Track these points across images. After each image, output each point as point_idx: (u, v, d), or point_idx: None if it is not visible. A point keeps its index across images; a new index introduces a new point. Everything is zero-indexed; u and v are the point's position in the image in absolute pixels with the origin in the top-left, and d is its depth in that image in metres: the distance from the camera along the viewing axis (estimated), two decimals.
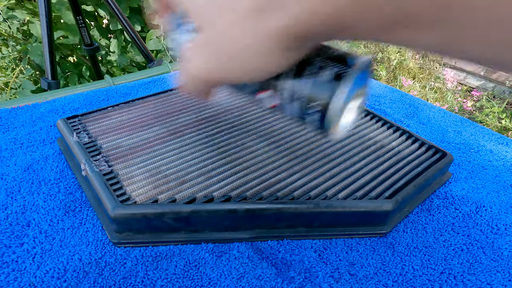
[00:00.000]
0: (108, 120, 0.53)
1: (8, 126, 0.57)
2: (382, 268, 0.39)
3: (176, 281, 0.36)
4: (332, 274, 0.37)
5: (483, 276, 0.38)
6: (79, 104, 0.65)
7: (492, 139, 0.62)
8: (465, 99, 2.23)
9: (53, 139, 0.55)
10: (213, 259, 0.38)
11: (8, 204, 0.43)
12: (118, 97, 0.68)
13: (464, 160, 0.57)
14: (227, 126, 0.53)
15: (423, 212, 0.46)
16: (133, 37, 1.01)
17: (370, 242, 0.42)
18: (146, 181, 0.41)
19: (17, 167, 0.49)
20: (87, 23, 1.07)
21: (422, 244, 0.42)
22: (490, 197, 0.49)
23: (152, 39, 1.33)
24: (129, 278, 0.36)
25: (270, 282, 0.36)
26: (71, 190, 0.46)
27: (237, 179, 0.43)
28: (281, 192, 0.42)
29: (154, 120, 0.54)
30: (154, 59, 1.05)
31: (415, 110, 0.70)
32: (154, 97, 0.60)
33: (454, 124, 0.66)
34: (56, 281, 0.35)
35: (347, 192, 0.43)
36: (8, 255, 0.37)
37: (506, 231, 0.44)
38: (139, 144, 0.48)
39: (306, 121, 0.30)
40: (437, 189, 0.50)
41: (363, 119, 0.58)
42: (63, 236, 0.39)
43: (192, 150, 0.47)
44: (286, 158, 0.47)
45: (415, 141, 0.53)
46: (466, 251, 0.41)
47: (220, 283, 0.36)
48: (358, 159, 0.49)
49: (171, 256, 0.38)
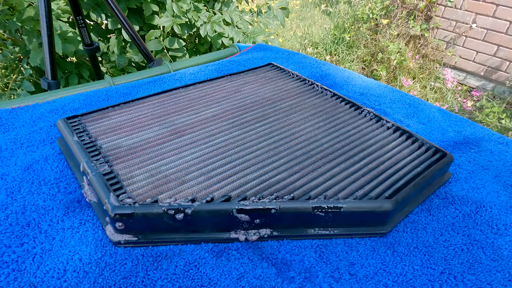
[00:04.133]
0: (108, 120, 0.53)
1: (8, 126, 0.57)
2: (382, 268, 0.38)
3: (176, 281, 0.36)
4: (332, 274, 0.37)
5: (483, 276, 0.38)
6: (79, 104, 0.65)
7: (492, 139, 0.62)
8: (465, 99, 2.23)
9: (53, 139, 0.55)
10: (213, 259, 0.38)
11: (8, 204, 0.43)
12: (118, 97, 0.68)
13: (464, 160, 0.57)
14: (227, 126, 0.53)
15: (423, 212, 0.46)
16: (133, 37, 1.01)
17: (370, 242, 0.42)
18: (146, 181, 0.41)
19: (17, 167, 0.49)
20: (87, 23, 1.07)
21: (422, 244, 0.42)
22: (490, 197, 0.49)
23: (152, 40, 1.33)
24: (129, 278, 0.36)
25: (270, 282, 0.36)
26: (71, 190, 0.46)
27: (237, 179, 0.43)
28: (281, 192, 0.42)
29: (154, 120, 0.54)
30: (154, 59, 1.05)
31: (415, 110, 0.70)
32: (154, 97, 0.60)
33: (454, 124, 0.66)
34: (56, 281, 0.35)
35: (347, 192, 0.43)
36: (8, 255, 0.37)
37: (506, 231, 0.44)
38: (139, 144, 0.48)
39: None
40: (437, 189, 0.50)
41: (363, 119, 0.58)
42: (63, 236, 0.39)
43: (192, 150, 0.47)
44: (286, 158, 0.47)
45: (415, 141, 0.53)
46: (466, 251, 0.41)
47: (220, 283, 0.36)
48: (358, 159, 0.48)
49: (171, 256, 0.38)
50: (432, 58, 2.48)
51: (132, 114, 0.54)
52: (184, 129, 0.52)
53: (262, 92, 0.64)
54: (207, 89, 0.64)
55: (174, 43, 1.39)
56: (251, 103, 0.60)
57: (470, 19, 2.24)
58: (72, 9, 1.00)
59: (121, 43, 1.38)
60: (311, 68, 0.85)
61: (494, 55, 2.21)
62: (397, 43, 2.39)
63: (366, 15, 2.51)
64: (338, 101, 0.63)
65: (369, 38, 2.57)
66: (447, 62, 2.47)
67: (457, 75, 2.46)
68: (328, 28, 2.93)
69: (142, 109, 0.56)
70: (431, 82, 2.39)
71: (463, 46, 2.34)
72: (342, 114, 0.59)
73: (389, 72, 2.44)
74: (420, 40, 2.48)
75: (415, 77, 2.43)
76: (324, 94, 0.65)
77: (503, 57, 2.17)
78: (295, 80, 0.70)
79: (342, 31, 2.72)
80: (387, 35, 2.49)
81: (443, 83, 2.39)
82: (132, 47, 1.43)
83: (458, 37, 2.34)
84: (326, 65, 0.87)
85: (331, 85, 0.77)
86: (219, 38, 1.40)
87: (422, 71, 2.45)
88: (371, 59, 2.53)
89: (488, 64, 2.26)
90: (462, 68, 2.41)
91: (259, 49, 0.95)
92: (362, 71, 2.54)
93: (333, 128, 0.55)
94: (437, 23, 2.39)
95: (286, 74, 0.72)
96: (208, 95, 0.62)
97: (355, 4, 2.89)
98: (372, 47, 2.54)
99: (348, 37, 2.62)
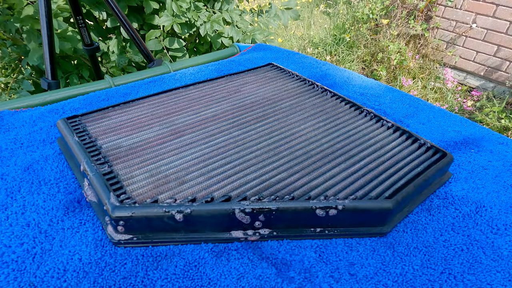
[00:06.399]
0: (108, 120, 0.53)
1: (8, 126, 0.57)
2: (382, 268, 0.38)
3: (176, 281, 0.36)
4: (332, 274, 0.37)
5: (483, 276, 0.38)
6: (79, 104, 0.65)
7: (492, 139, 0.62)
8: (465, 99, 2.23)
9: (53, 139, 0.55)
10: (213, 259, 0.38)
11: (8, 204, 0.43)
12: (118, 97, 0.68)
13: (464, 160, 0.57)
14: (227, 126, 0.53)
15: (423, 212, 0.46)
16: (133, 36, 1.01)
17: (370, 242, 0.42)
18: (146, 181, 0.41)
19: (17, 167, 0.49)
20: (87, 23, 1.07)
21: (422, 244, 0.42)
22: (490, 197, 0.49)
23: (152, 39, 1.33)
24: (129, 278, 0.36)
25: (270, 282, 0.36)
26: (71, 190, 0.46)
27: (237, 179, 0.43)
28: (281, 192, 0.42)
29: (154, 120, 0.54)
30: (154, 59, 1.05)
31: (415, 110, 0.70)
32: (154, 97, 0.60)
33: (454, 124, 0.66)
34: (56, 281, 0.35)
35: (347, 192, 0.43)
36: (8, 255, 0.37)
37: (506, 231, 0.44)
38: (139, 144, 0.48)
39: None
40: (437, 189, 0.50)
41: (363, 119, 0.58)
42: (63, 236, 0.39)
43: (192, 150, 0.47)
44: (286, 158, 0.47)
45: (415, 141, 0.53)
46: (466, 251, 0.41)
47: (220, 283, 0.36)
48: (358, 159, 0.48)
49: (171, 256, 0.38)
50: (432, 58, 2.48)
51: (132, 114, 0.54)
52: (184, 129, 0.52)
53: (262, 92, 0.64)
54: (207, 89, 0.64)
55: (174, 43, 1.39)
56: (251, 103, 0.60)
57: (470, 19, 2.24)
58: (72, 9, 1.00)
59: (121, 43, 1.38)
60: (311, 68, 0.85)
61: (494, 55, 2.21)
62: (397, 43, 2.39)
63: (366, 16, 2.51)
64: (338, 101, 0.63)
65: (369, 38, 2.56)
66: (447, 62, 2.47)
67: (457, 75, 2.46)
68: (328, 28, 2.93)
69: (142, 109, 0.56)
70: (431, 82, 2.39)
71: (463, 46, 2.34)
72: (342, 114, 0.59)
73: (389, 72, 2.44)
74: (420, 40, 2.48)
75: (415, 77, 2.43)
76: (324, 94, 0.65)
77: (503, 57, 2.17)
78: (295, 80, 0.70)
79: (342, 31, 2.72)
80: (387, 35, 2.49)
81: (443, 83, 2.39)
82: (132, 47, 1.43)
83: (458, 37, 2.34)
84: (326, 65, 0.87)
85: (331, 85, 0.77)
86: (219, 38, 1.40)
87: (422, 71, 2.45)
88: (371, 59, 2.53)
89: (488, 64, 2.26)
90: (462, 68, 2.41)
91: (259, 49, 0.95)
92: (362, 71, 2.54)
93: (333, 128, 0.55)
94: (437, 23, 2.39)
95: (286, 74, 0.72)
96: (208, 95, 0.62)
97: (355, 4, 2.89)
98: (372, 47, 2.54)
99: (348, 37, 2.62)
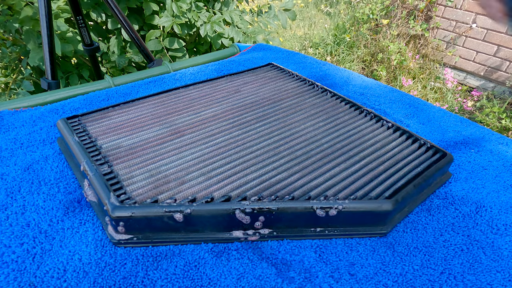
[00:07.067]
0: (108, 120, 0.53)
1: (8, 126, 0.57)
2: (382, 268, 0.38)
3: (176, 281, 0.36)
4: (332, 274, 0.37)
5: (483, 276, 0.38)
6: (79, 104, 0.65)
7: (492, 139, 0.62)
8: (465, 99, 2.23)
9: (53, 139, 0.55)
10: (213, 259, 0.38)
11: (8, 204, 0.43)
12: (118, 97, 0.68)
13: (464, 160, 0.57)
14: (227, 126, 0.53)
15: (423, 212, 0.46)
16: (133, 37, 1.01)
17: (370, 242, 0.42)
18: (146, 181, 0.41)
19: (17, 167, 0.49)
20: (87, 23, 1.07)
21: (422, 244, 0.42)
22: (490, 197, 0.49)
23: (152, 39, 1.33)
24: (129, 278, 0.36)
25: (270, 282, 0.36)
26: (71, 190, 0.46)
27: (237, 179, 0.43)
28: (281, 192, 0.42)
29: (154, 120, 0.54)
30: (154, 59, 1.05)
31: (415, 110, 0.70)
32: (154, 97, 0.60)
33: (454, 124, 0.66)
34: (56, 281, 0.35)
35: (347, 192, 0.43)
36: (8, 255, 0.37)
37: (506, 231, 0.44)
38: (139, 144, 0.48)
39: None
40: (437, 189, 0.50)
41: (363, 119, 0.58)
42: (63, 236, 0.39)
43: (192, 150, 0.47)
44: (286, 158, 0.47)
45: (415, 141, 0.53)
46: (466, 251, 0.41)
47: (220, 283, 0.36)
48: (358, 159, 0.48)
49: (171, 256, 0.38)
50: (432, 58, 2.48)
51: (132, 114, 0.54)
52: (184, 129, 0.52)
53: (262, 92, 0.64)
54: (207, 89, 0.64)
55: (174, 43, 1.39)
56: (251, 103, 0.60)
57: (470, 19, 2.24)
58: (72, 9, 1.00)
59: (121, 43, 1.38)
60: (311, 68, 0.85)
61: (494, 55, 2.21)
62: (397, 43, 2.39)
63: (366, 16, 2.51)
64: (338, 101, 0.63)
65: (369, 38, 2.56)
66: (447, 62, 2.47)
67: (457, 75, 2.46)
68: (328, 28, 2.93)
69: (142, 109, 0.56)
70: (431, 82, 2.39)
71: (463, 46, 2.34)
72: (342, 114, 0.59)
73: (389, 72, 2.44)
74: (420, 40, 2.48)
75: (415, 77, 2.43)
76: (324, 94, 0.65)
77: (503, 57, 2.17)
78: (295, 80, 0.70)
79: (343, 32, 2.72)
80: (387, 35, 2.49)
81: (443, 83, 2.39)
82: (132, 47, 1.43)
83: (458, 37, 2.34)
84: (326, 65, 0.87)
85: (331, 85, 0.77)
86: (219, 38, 1.40)
87: (422, 71, 2.45)
88: (371, 59, 2.53)
89: (488, 64, 2.26)
90: (462, 68, 2.41)
91: (259, 49, 0.95)
92: (362, 71, 2.54)
93: (333, 128, 0.55)
94: (437, 23, 2.39)
95: (286, 74, 0.72)
96: (208, 95, 0.62)
97: (355, 4, 2.89)
98: (372, 47, 2.54)
99: (349, 38, 2.62)
